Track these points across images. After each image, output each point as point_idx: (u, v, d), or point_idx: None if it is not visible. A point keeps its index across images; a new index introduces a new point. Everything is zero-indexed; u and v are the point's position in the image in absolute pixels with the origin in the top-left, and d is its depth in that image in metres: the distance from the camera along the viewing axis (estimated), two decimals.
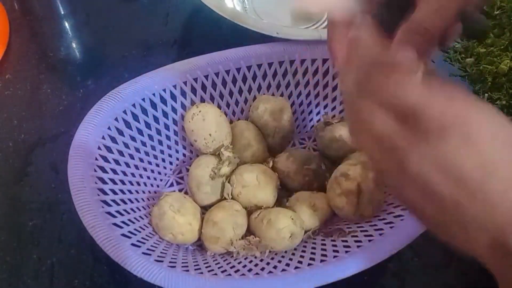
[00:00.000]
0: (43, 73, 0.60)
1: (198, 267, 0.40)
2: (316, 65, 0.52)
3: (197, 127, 0.48)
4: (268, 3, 0.67)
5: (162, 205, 0.43)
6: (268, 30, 0.51)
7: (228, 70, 0.50)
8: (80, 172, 0.41)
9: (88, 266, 0.46)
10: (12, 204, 0.49)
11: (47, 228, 0.48)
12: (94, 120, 0.44)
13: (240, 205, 0.46)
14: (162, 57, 0.61)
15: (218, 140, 0.48)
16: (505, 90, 0.59)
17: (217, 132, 0.48)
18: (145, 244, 0.40)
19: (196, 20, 0.66)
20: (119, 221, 0.40)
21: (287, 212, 0.44)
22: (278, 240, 0.43)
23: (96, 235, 0.37)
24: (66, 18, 0.66)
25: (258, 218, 0.45)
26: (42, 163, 0.52)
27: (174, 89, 0.49)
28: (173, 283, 0.36)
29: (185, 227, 0.43)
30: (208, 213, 0.46)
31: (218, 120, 0.48)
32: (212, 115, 0.48)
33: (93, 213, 0.38)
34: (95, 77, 0.59)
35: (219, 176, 0.47)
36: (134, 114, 0.47)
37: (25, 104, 0.57)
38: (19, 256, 0.46)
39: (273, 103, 0.51)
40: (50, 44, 0.63)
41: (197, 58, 0.49)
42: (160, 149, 0.50)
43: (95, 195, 0.40)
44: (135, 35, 0.64)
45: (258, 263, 0.42)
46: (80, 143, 0.42)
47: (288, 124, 0.51)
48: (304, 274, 0.39)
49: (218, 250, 0.44)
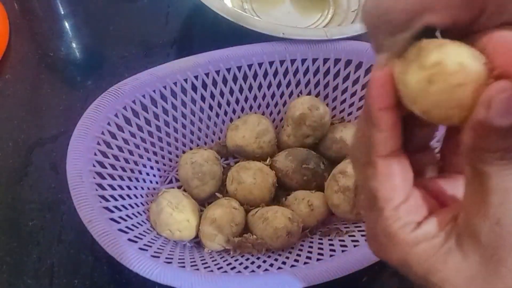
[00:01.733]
0: (43, 73, 0.59)
1: (194, 263, 0.40)
2: (317, 64, 0.52)
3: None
4: (267, 3, 0.67)
5: (160, 201, 0.43)
6: (274, 30, 0.51)
7: (229, 68, 0.50)
8: (78, 166, 0.41)
9: (88, 266, 0.45)
10: (12, 204, 0.49)
11: (47, 228, 0.48)
12: (94, 115, 0.44)
13: (238, 202, 0.46)
14: (162, 57, 0.61)
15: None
16: None
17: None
18: (142, 239, 0.40)
19: (196, 20, 0.66)
20: (117, 216, 0.40)
21: (285, 211, 0.44)
22: (275, 238, 0.43)
23: (93, 229, 0.37)
24: (66, 18, 0.66)
25: (255, 216, 0.45)
26: (42, 163, 0.52)
27: (174, 86, 0.49)
28: (168, 279, 0.36)
29: (183, 223, 0.43)
30: (206, 210, 0.46)
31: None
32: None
33: (90, 207, 0.38)
34: (95, 77, 0.59)
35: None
36: (134, 110, 0.47)
37: (25, 104, 0.57)
38: (19, 256, 0.46)
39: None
40: (50, 44, 0.63)
41: (198, 56, 0.49)
42: (160, 146, 0.50)
43: (93, 190, 0.40)
44: (135, 35, 0.64)
45: (255, 261, 0.42)
46: (80, 138, 0.42)
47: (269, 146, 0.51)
48: (301, 272, 0.39)
49: (215, 247, 0.44)
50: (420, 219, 0.22)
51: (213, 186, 0.48)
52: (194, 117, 0.51)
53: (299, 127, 0.50)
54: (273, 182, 0.48)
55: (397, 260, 0.23)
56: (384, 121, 0.22)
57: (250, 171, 0.47)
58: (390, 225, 0.22)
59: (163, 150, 0.50)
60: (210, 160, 0.48)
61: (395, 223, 0.22)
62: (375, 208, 0.23)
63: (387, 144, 0.22)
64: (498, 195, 0.19)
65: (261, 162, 0.50)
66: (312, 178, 0.48)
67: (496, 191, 0.19)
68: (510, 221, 0.19)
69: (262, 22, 0.53)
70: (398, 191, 0.22)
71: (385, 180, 0.23)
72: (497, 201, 0.19)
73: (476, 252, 0.20)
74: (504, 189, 0.19)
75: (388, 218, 0.22)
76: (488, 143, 0.18)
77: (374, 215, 0.23)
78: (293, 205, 0.46)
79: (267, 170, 0.48)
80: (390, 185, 0.22)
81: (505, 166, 0.19)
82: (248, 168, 0.47)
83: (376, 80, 0.21)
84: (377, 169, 0.22)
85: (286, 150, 0.51)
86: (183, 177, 0.48)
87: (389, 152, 0.22)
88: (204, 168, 0.47)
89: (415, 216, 0.22)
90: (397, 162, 0.23)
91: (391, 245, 0.23)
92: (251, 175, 0.47)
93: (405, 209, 0.22)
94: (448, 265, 0.21)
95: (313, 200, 0.46)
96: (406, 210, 0.22)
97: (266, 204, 0.47)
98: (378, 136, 0.22)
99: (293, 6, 0.67)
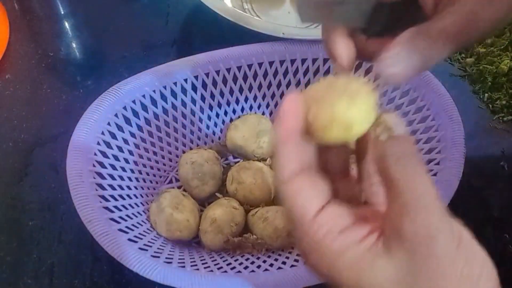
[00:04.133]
0: (43, 73, 0.60)
1: (194, 263, 0.40)
2: (317, 64, 0.52)
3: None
4: (267, 3, 0.67)
5: (161, 201, 0.43)
6: (274, 30, 0.51)
7: (229, 68, 0.50)
8: (78, 166, 0.41)
9: (88, 266, 0.45)
10: (12, 204, 0.49)
11: (47, 228, 0.48)
12: (94, 115, 0.44)
13: (238, 202, 0.46)
14: (162, 57, 0.61)
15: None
16: (505, 90, 0.59)
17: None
18: (142, 239, 0.40)
19: (196, 20, 0.66)
20: (117, 216, 0.40)
21: (285, 211, 0.44)
22: (275, 238, 0.43)
23: (93, 229, 0.37)
24: (66, 18, 0.66)
25: (255, 216, 0.45)
26: (42, 163, 0.52)
27: (174, 86, 0.49)
28: (168, 279, 0.36)
29: (183, 223, 0.43)
30: (206, 210, 0.46)
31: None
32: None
33: (90, 207, 0.38)
34: (95, 77, 0.59)
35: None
36: (134, 110, 0.47)
37: (25, 104, 0.57)
38: (19, 256, 0.46)
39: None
40: (50, 44, 0.63)
41: (198, 56, 0.49)
42: (160, 146, 0.50)
43: (93, 190, 0.40)
44: (135, 35, 0.64)
45: (255, 261, 0.42)
46: (80, 138, 0.42)
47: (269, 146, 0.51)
48: (301, 272, 0.39)
49: (215, 247, 0.44)
50: (343, 227, 0.23)
51: (213, 186, 0.48)
52: (194, 117, 0.51)
53: None
54: (273, 182, 0.48)
55: (327, 270, 0.22)
56: (285, 145, 0.23)
57: (250, 171, 0.47)
58: (313, 235, 0.22)
59: (163, 150, 0.50)
60: (210, 160, 0.48)
61: (317, 232, 0.22)
62: (296, 227, 0.23)
63: (289, 167, 0.23)
64: (407, 194, 0.21)
65: (261, 162, 0.50)
66: None
67: (404, 191, 0.21)
68: (424, 214, 0.21)
69: (262, 22, 0.53)
70: (311, 202, 0.23)
71: (295, 196, 0.23)
72: (408, 199, 0.21)
73: (401, 252, 0.21)
74: (411, 187, 0.21)
75: (309, 230, 0.23)
76: (388, 149, 0.22)
77: (298, 231, 0.23)
78: None
79: (267, 170, 0.48)
80: (301, 198, 0.23)
81: (406, 165, 0.21)
82: (248, 168, 0.47)
83: (286, 106, 0.23)
84: (285, 191, 0.23)
85: None
86: (183, 177, 0.48)
87: (292, 173, 0.23)
88: (204, 168, 0.47)
89: (337, 224, 0.23)
90: (304, 179, 0.23)
91: (318, 255, 0.23)
92: (251, 175, 0.47)
93: (324, 217, 0.23)
94: (376, 268, 0.21)
95: None
96: (325, 218, 0.23)
97: (266, 204, 0.47)
98: (280, 161, 0.23)
99: (293, 6, 0.67)
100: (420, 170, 0.22)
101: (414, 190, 0.21)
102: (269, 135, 0.51)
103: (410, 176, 0.21)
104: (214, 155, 0.49)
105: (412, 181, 0.21)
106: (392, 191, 0.22)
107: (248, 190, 0.47)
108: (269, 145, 0.51)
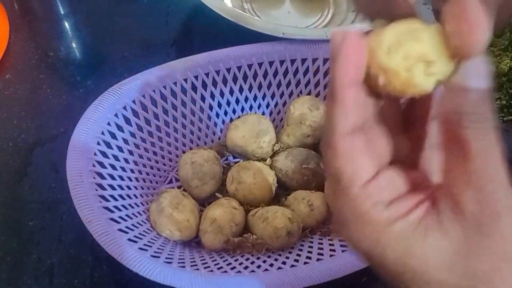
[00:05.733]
0: (43, 73, 0.59)
1: (194, 263, 0.40)
2: (317, 64, 0.52)
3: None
4: (267, 3, 0.67)
5: (161, 201, 0.44)
6: (274, 30, 0.51)
7: (229, 68, 0.50)
8: (78, 166, 0.41)
9: (88, 266, 0.45)
10: (12, 204, 0.49)
11: (47, 228, 0.48)
12: (94, 115, 0.44)
13: (238, 202, 0.46)
14: (162, 57, 0.61)
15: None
16: (505, 90, 0.59)
17: None
18: (142, 239, 0.40)
19: (196, 20, 0.66)
20: (117, 216, 0.40)
21: (285, 211, 0.44)
22: (275, 238, 0.43)
23: (93, 229, 0.37)
24: (66, 18, 0.66)
25: (255, 216, 0.45)
26: (42, 163, 0.52)
27: (174, 86, 0.49)
28: (168, 279, 0.36)
29: (183, 223, 0.43)
30: (206, 210, 0.46)
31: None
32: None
33: (90, 207, 0.39)
34: (95, 77, 0.59)
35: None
36: (134, 110, 0.47)
37: (25, 104, 0.57)
38: (19, 256, 0.46)
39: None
40: (50, 44, 0.63)
41: (198, 56, 0.49)
42: (160, 146, 0.50)
43: (93, 190, 0.40)
44: (135, 35, 0.64)
45: (255, 261, 0.42)
46: (80, 138, 0.42)
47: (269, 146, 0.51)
48: (301, 272, 0.39)
49: (215, 247, 0.44)
50: (394, 197, 0.21)
51: (213, 186, 0.48)
52: (194, 117, 0.51)
53: (299, 127, 0.50)
54: (273, 182, 0.48)
55: (369, 245, 0.21)
56: (345, 95, 0.20)
57: (250, 171, 0.47)
58: (359, 205, 0.21)
59: (163, 150, 0.50)
60: (210, 160, 0.48)
61: (365, 202, 0.20)
62: (340, 190, 0.21)
63: (347, 120, 0.21)
64: (479, 160, 0.19)
65: (261, 162, 0.50)
66: (312, 178, 0.48)
67: (476, 156, 0.18)
68: (493, 187, 0.19)
69: (262, 22, 0.53)
70: (363, 169, 0.21)
71: (348, 158, 0.21)
72: (479, 166, 0.19)
73: (458, 228, 0.19)
74: (484, 153, 0.19)
75: (356, 197, 0.21)
76: (465, 106, 0.19)
77: (340, 198, 0.21)
78: (293, 205, 0.46)
79: (267, 170, 0.48)
80: (353, 163, 0.21)
81: (483, 130, 0.19)
82: (248, 168, 0.47)
83: (349, 53, 0.20)
84: (337, 148, 0.21)
85: (286, 150, 0.51)
86: (183, 177, 0.48)
87: (350, 129, 0.21)
88: (204, 168, 0.47)
89: (388, 194, 0.21)
90: (360, 140, 0.21)
91: (361, 227, 0.21)
92: (251, 175, 0.47)
93: (375, 187, 0.21)
94: (427, 243, 0.19)
95: (313, 200, 0.46)
96: (376, 188, 0.21)
97: (266, 204, 0.47)
98: (338, 112, 0.21)
99: (293, 6, 0.67)
100: (496, 139, 0.19)
101: (487, 159, 0.18)
102: (269, 135, 0.51)
103: (487, 142, 0.19)
104: (214, 155, 0.49)
105: (486, 148, 0.19)
106: (460, 156, 0.19)
107: (248, 190, 0.47)
108: (269, 145, 0.51)
